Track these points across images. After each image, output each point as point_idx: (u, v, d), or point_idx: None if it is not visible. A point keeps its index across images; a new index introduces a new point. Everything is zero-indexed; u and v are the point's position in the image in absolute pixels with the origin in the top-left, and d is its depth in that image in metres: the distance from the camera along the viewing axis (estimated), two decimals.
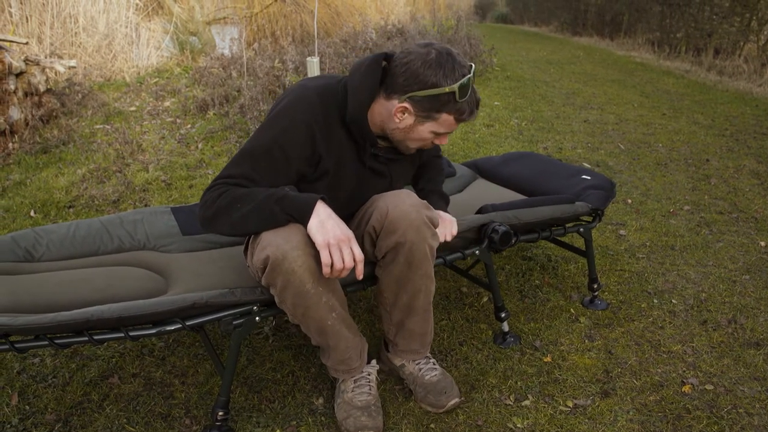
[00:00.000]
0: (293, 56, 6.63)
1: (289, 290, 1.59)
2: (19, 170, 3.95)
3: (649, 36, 13.31)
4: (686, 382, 2.06)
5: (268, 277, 1.60)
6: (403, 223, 1.66)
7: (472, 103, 1.68)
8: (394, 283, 1.80)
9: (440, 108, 1.64)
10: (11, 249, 1.97)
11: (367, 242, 1.77)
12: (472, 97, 1.68)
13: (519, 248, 3.03)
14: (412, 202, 1.68)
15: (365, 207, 1.78)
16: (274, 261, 1.54)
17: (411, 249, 1.70)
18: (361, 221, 1.77)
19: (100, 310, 1.57)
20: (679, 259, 2.97)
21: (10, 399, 1.91)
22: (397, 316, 1.88)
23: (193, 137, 4.80)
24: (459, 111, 1.66)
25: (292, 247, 1.54)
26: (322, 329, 1.72)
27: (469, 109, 1.68)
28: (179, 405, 1.92)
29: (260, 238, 1.59)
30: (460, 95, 1.62)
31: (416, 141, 1.74)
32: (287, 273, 1.56)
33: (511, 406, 1.94)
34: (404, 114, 1.67)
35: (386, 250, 1.73)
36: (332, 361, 1.82)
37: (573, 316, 2.45)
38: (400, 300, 1.83)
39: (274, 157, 1.63)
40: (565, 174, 2.63)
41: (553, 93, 7.34)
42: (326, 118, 1.68)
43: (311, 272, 1.58)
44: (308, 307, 1.64)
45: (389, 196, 1.70)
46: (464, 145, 4.84)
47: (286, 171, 1.65)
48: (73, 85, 5.82)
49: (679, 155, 4.74)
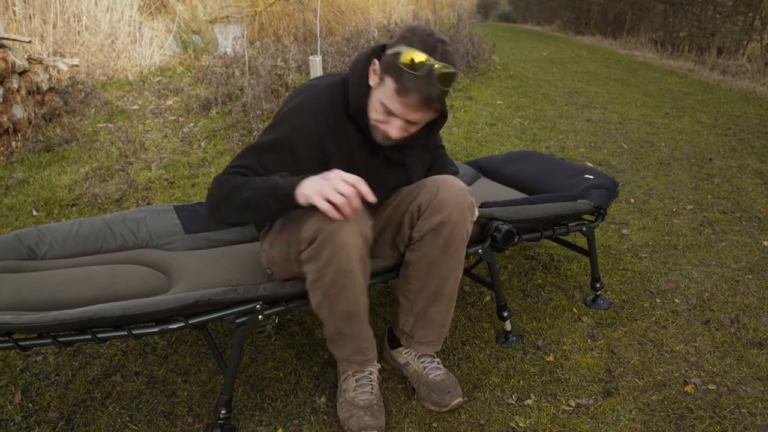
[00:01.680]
0: (296, 55, 6.63)
1: (332, 266, 1.60)
2: (22, 169, 3.96)
3: (652, 35, 13.30)
4: (689, 381, 2.06)
5: (313, 251, 1.60)
6: (452, 203, 1.72)
7: (419, 87, 1.56)
8: (425, 267, 1.82)
9: (390, 69, 1.60)
10: (15, 247, 1.98)
11: (406, 223, 1.80)
12: (424, 84, 1.56)
13: (521, 247, 3.03)
14: (460, 185, 1.75)
15: (408, 189, 1.83)
16: (328, 233, 1.55)
17: (453, 230, 1.74)
18: (402, 201, 1.82)
19: (103, 308, 1.57)
20: (682, 259, 2.96)
21: (13, 397, 1.92)
22: (420, 304, 1.89)
23: (195, 136, 4.80)
24: (400, 82, 1.57)
25: (347, 221, 1.56)
26: (351, 313, 1.72)
27: (414, 87, 1.56)
28: (182, 403, 1.92)
29: (312, 212, 1.58)
30: (409, 66, 1.55)
31: (373, 111, 1.69)
32: (337, 247, 1.57)
33: (514, 405, 1.93)
34: (374, 73, 1.67)
35: (427, 230, 1.76)
36: (348, 350, 1.81)
37: (576, 315, 2.45)
38: (428, 287, 1.85)
39: (281, 153, 1.66)
40: (568, 173, 2.63)
41: (556, 92, 7.34)
42: (335, 115, 1.72)
43: (359, 251, 1.61)
44: (346, 287, 1.65)
45: (438, 178, 1.76)
46: (467, 144, 4.84)
47: (293, 167, 1.66)
48: (76, 83, 5.83)
49: (682, 154, 4.74)
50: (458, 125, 5.42)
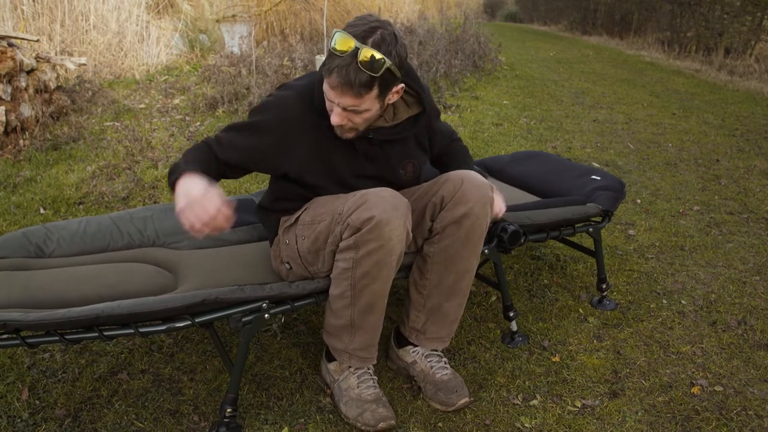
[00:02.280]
0: (302, 54, 6.64)
1: (375, 256, 1.63)
2: (29, 167, 3.97)
3: (659, 35, 13.26)
4: (695, 383, 2.05)
5: (360, 238, 1.62)
6: (475, 195, 1.75)
7: (340, 69, 1.56)
8: (444, 260, 1.84)
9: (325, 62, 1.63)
10: (22, 245, 1.99)
11: (428, 214, 1.83)
12: (345, 66, 1.56)
13: (527, 247, 3.03)
14: (483, 180, 1.80)
15: (431, 181, 1.87)
16: (379, 222, 1.59)
17: (474, 223, 1.77)
18: (425, 193, 1.84)
19: (110, 306, 1.58)
20: (689, 260, 2.95)
21: (20, 394, 1.93)
22: (434, 299, 1.91)
23: (202, 135, 4.81)
24: (327, 63, 1.59)
25: (398, 215, 1.61)
26: (373, 306, 1.74)
27: (335, 68, 1.56)
28: (188, 401, 1.92)
29: (365, 199, 1.62)
30: (336, 50, 1.56)
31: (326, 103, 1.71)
32: (384, 238, 1.61)
33: (519, 405, 1.93)
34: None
35: (449, 222, 1.78)
36: (356, 344, 1.81)
37: (582, 316, 2.45)
38: (445, 281, 1.87)
39: (243, 138, 1.76)
40: (575, 174, 2.62)
41: (563, 92, 7.33)
42: (304, 115, 1.74)
43: (401, 246, 1.66)
44: (377, 279, 1.68)
45: (462, 172, 1.80)
46: (473, 143, 4.83)
47: (245, 152, 1.76)
48: (83, 82, 5.84)
49: (689, 155, 4.72)
50: (464, 125, 5.42)
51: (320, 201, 1.81)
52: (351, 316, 1.76)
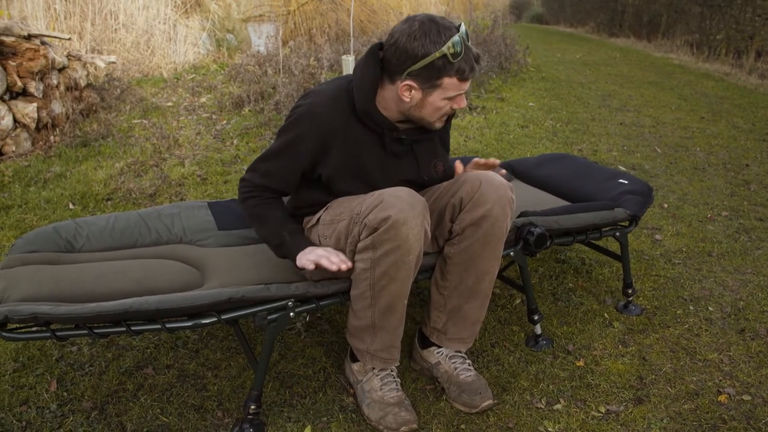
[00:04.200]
0: (328, 54, 6.67)
1: (392, 256, 1.64)
2: (59, 163, 4.03)
3: (687, 37, 13.07)
4: (722, 391, 2.02)
5: (374, 239, 1.64)
6: (494, 196, 1.75)
7: (470, 60, 1.68)
8: (464, 261, 1.84)
9: (439, 74, 1.67)
10: (53, 239, 2.02)
11: (447, 216, 1.83)
12: (469, 54, 1.67)
13: (553, 251, 3.01)
14: (502, 181, 1.80)
15: (450, 182, 1.87)
16: (395, 222, 1.60)
17: (493, 224, 1.77)
18: (444, 195, 1.85)
19: (138, 301, 1.60)
20: (717, 266, 2.91)
21: (49, 385, 1.96)
22: (454, 300, 1.90)
23: (228, 133, 4.85)
24: (458, 71, 1.67)
25: (415, 215, 1.62)
26: (393, 306, 1.74)
27: (468, 66, 1.67)
28: (212, 397, 1.94)
29: (381, 199, 1.64)
30: (453, 56, 1.64)
31: (434, 113, 1.76)
32: (401, 238, 1.62)
33: (543, 409, 1.92)
34: (410, 91, 1.72)
35: (468, 224, 1.78)
36: (377, 345, 1.82)
37: (607, 320, 2.43)
38: (465, 282, 1.87)
39: (287, 160, 1.79)
40: (602, 177, 2.60)
41: (589, 94, 7.26)
42: (338, 120, 1.77)
43: (419, 246, 1.66)
44: (396, 279, 1.68)
45: (481, 173, 1.81)
46: (498, 145, 4.81)
47: (298, 169, 1.81)
48: (112, 80, 5.93)
49: (718, 160, 4.66)
50: (490, 126, 5.40)
51: (340, 201, 1.83)
52: (372, 316, 1.76)
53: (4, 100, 4.11)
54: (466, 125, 5.39)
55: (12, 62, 4.20)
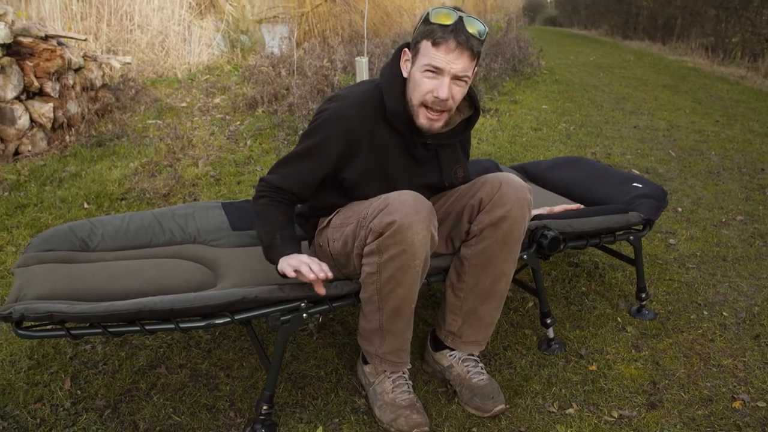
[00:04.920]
0: (342, 56, 6.67)
1: (397, 260, 1.63)
2: (75, 162, 4.07)
3: (702, 40, 12.98)
4: (737, 397, 2.01)
5: (379, 244, 1.63)
6: (513, 197, 1.75)
7: (448, 29, 1.65)
8: (481, 263, 1.83)
9: (419, 38, 1.70)
10: (68, 238, 2.03)
11: (465, 216, 1.83)
12: (452, 26, 1.65)
13: (566, 254, 3.00)
14: (521, 183, 1.80)
15: (469, 184, 1.87)
16: (400, 227, 1.59)
17: (512, 226, 1.77)
18: (463, 196, 1.85)
19: (152, 301, 1.61)
20: (731, 271, 2.89)
21: (63, 383, 1.97)
22: (470, 303, 1.90)
23: (242, 134, 4.87)
24: (432, 33, 1.66)
25: (420, 219, 1.61)
26: (400, 310, 1.74)
27: (443, 31, 1.64)
28: (224, 397, 1.95)
29: (387, 203, 1.63)
30: (433, 17, 1.66)
31: (416, 90, 1.73)
32: (406, 243, 1.61)
33: (555, 413, 1.91)
34: (407, 62, 1.76)
35: (486, 224, 1.78)
36: (386, 348, 1.81)
37: (620, 324, 2.41)
38: (482, 284, 1.86)
39: (310, 163, 1.78)
40: (616, 181, 2.59)
41: (602, 97, 7.23)
42: (365, 124, 1.77)
43: (425, 250, 1.65)
44: (402, 284, 1.68)
45: (501, 175, 1.81)
46: (511, 148, 4.80)
47: (317, 175, 1.80)
48: (127, 80, 5.97)
49: (733, 164, 4.62)
50: (503, 129, 5.39)
51: (351, 204, 1.84)
52: (380, 320, 1.77)
53: (21, 100, 4.15)
54: (479, 128, 5.38)
55: (29, 63, 4.24)
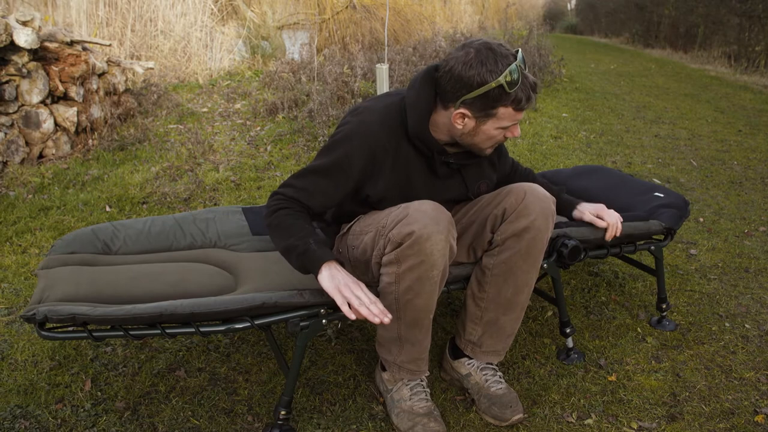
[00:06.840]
0: (362, 63, 6.69)
1: (416, 271, 1.62)
2: (97, 166, 4.12)
3: (725, 49, 12.86)
4: (759, 411, 1.98)
5: (398, 254, 1.62)
6: (538, 207, 1.74)
7: (526, 89, 1.65)
8: (503, 273, 1.82)
9: (495, 104, 1.65)
10: (91, 241, 2.06)
11: (488, 226, 1.82)
12: (526, 83, 1.65)
13: (585, 263, 2.98)
14: (545, 193, 1.79)
15: (493, 193, 1.86)
16: (418, 238, 1.58)
17: (535, 236, 1.76)
18: (487, 205, 1.84)
19: (173, 305, 1.62)
20: (754, 282, 2.85)
21: (83, 384, 2.00)
22: (491, 312, 1.89)
23: (262, 139, 4.90)
24: (514, 101, 1.65)
25: (439, 230, 1.59)
26: (418, 320, 1.73)
27: (525, 95, 1.65)
28: (242, 402, 1.96)
29: (406, 213, 1.61)
30: (509, 86, 1.62)
31: (486, 141, 1.75)
32: (425, 254, 1.60)
33: (573, 424, 1.90)
34: (464, 119, 1.70)
35: (510, 234, 1.77)
36: (404, 357, 1.81)
37: (640, 335, 2.39)
38: (503, 294, 1.85)
39: (330, 178, 1.72)
40: (638, 190, 2.57)
41: (623, 106, 7.18)
42: (389, 140, 1.74)
43: (444, 261, 1.64)
44: (420, 294, 1.67)
45: (525, 185, 1.80)
46: (531, 156, 4.78)
47: (341, 190, 1.74)
48: (149, 85, 6.03)
49: (756, 174, 4.57)
50: (523, 137, 5.37)
51: (371, 212, 1.83)
52: (398, 329, 1.76)
53: (45, 104, 4.21)
54: None
55: (54, 67, 4.30)
